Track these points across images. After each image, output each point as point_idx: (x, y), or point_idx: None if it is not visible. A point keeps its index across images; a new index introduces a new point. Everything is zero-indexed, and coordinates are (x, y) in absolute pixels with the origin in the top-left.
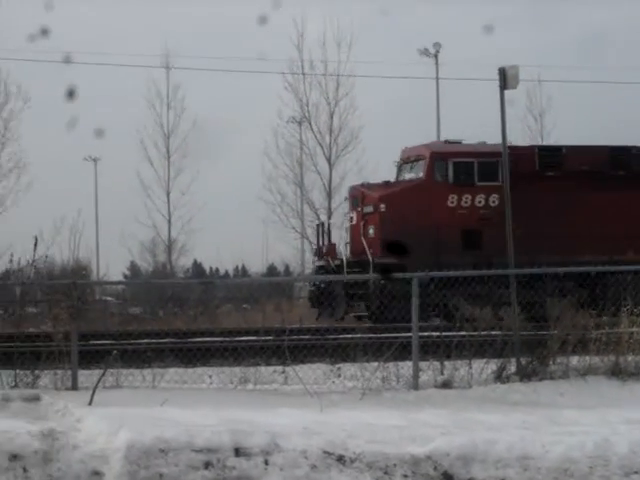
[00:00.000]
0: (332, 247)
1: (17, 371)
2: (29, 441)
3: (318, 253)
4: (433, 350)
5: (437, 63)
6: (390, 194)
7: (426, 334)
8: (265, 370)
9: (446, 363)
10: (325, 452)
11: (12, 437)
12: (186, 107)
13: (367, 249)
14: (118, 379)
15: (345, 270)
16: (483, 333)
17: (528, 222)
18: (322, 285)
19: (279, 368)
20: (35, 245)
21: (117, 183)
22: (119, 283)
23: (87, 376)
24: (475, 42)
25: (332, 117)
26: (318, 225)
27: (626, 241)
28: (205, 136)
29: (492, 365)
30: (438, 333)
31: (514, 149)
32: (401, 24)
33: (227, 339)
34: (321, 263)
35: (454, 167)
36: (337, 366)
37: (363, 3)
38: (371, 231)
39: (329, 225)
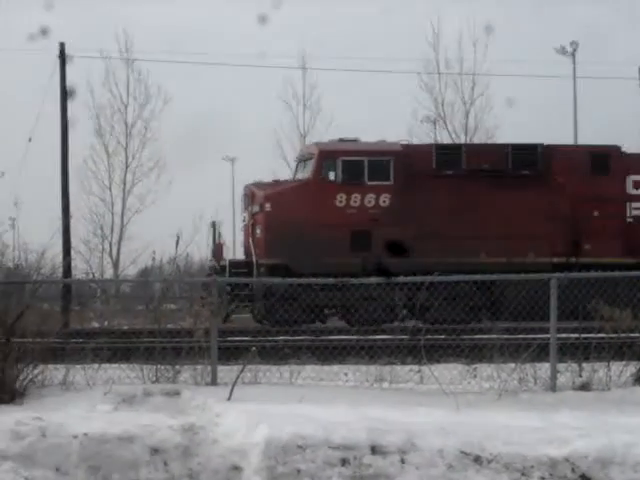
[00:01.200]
0: (219, 247)
1: (158, 366)
2: (170, 435)
3: (212, 253)
4: (571, 352)
5: (574, 62)
6: (276, 193)
7: (564, 335)
8: (401, 369)
9: (584, 365)
10: (462, 452)
11: (153, 431)
12: (322, 108)
13: (253, 250)
14: (256, 375)
15: (228, 271)
16: (622, 335)
17: (424, 222)
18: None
19: (415, 367)
20: (177, 243)
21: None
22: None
23: (226, 372)
24: (614, 40)
25: (467, 116)
26: (212, 223)
27: (527, 242)
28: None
29: (631, 367)
30: (576, 335)
31: (410, 147)
32: (538, 22)
33: (363, 337)
34: (211, 264)
35: (343, 166)
36: (473, 366)
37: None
38: (258, 231)
39: (218, 224)
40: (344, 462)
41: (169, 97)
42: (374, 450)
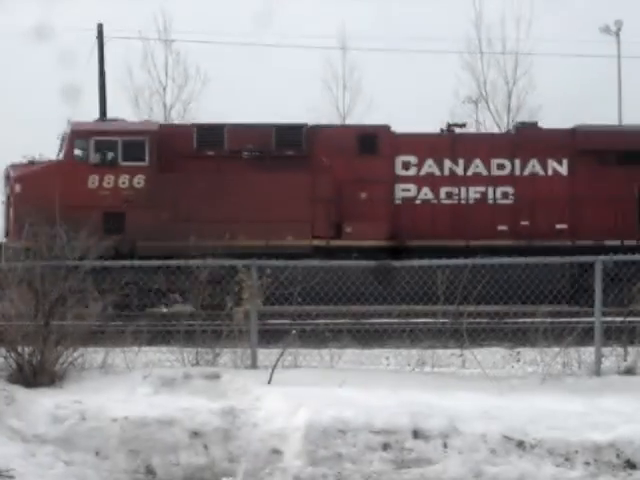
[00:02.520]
0: None
1: (198, 349)
2: (210, 419)
3: None
4: (616, 336)
5: (619, 41)
6: (27, 174)
7: (609, 319)
8: (442, 353)
9: (629, 349)
10: (505, 437)
11: (193, 415)
12: (362, 88)
13: (9, 231)
14: (296, 358)
15: None
16: None
17: (181, 205)
18: None
19: (457, 351)
20: None
21: None
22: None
23: (266, 355)
24: None
25: (510, 96)
26: None
27: (287, 225)
28: (380, 117)
29: None
30: (622, 318)
31: (168, 127)
32: (582, 0)
33: (404, 321)
34: None
35: (96, 146)
36: (516, 350)
37: None
38: (11, 213)
39: None
40: (385, 447)
41: (208, 78)
42: (416, 434)
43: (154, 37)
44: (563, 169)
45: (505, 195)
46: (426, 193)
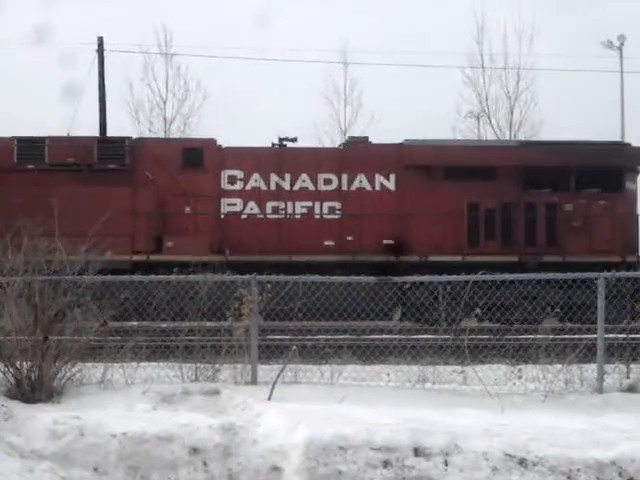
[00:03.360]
0: None
1: (197, 365)
2: (209, 435)
3: None
4: (619, 352)
5: (621, 56)
6: None
7: (612, 336)
8: (443, 369)
9: (632, 366)
10: (506, 455)
11: (193, 431)
12: (363, 103)
13: None
14: (297, 374)
15: None
16: None
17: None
18: None
19: (458, 368)
20: None
21: None
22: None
23: (266, 371)
24: None
25: (512, 111)
26: None
27: (106, 240)
28: (381, 132)
29: None
30: (624, 335)
31: None
32: (584, 16)
33: (405, 337)
34: None
35: None
36: (518, 367)
37: None
38: None
39: None
40: (386, 464)
41: (208, 93)
42: (417, 452)
43: (155, 51)
44: (391, 184)
45: (332, 210)
46: (252, 207)
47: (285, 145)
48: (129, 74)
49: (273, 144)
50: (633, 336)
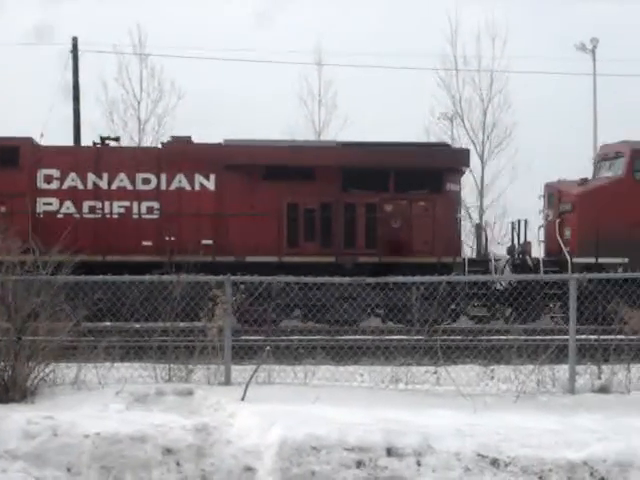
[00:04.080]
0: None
1: (171, 365)
2: (183, 435)
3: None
4: (590, 353)
5: (594, 59)
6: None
7: (583, 337)
8: (417, 370)
9: (603, 367)
10: (479, 455)
11: (166, 431)
12: (338, 104)
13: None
14: (270, 375)
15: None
16: None
17: None
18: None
19: (431, 368)
20: None
21: None
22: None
23: (240, 371)
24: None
25: (485, 114)
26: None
27: None
28: (355, 134)
29: None
30: (596, 336)
31: None
32: (557, 19)
33: (378, 338)
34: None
35: None
36: (490, 368)
37: None
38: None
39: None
40: (359, 464)
41: (183, 93)
42: (390, 452)
43: (129, 51)
44: (210, 184)
45: (150, 210)
46: (68, 207)
47: (108, 144)
48: (103, 74)
49: (94, 143)
50: (604, 337)
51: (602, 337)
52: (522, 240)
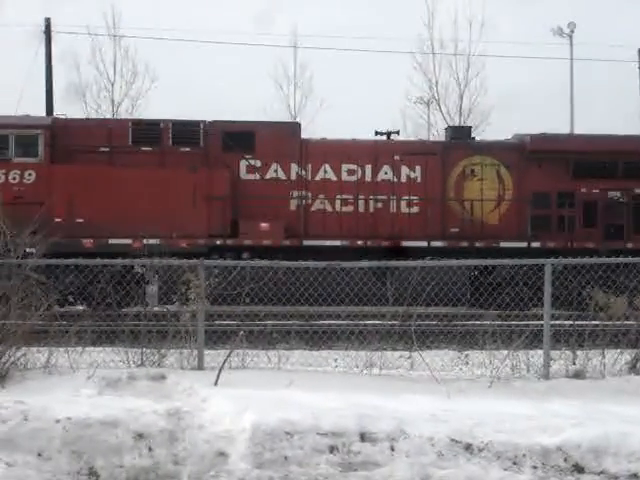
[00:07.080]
0: None
1: (143, 350)
2: (155, 420)
3: None
4: (565, 339)
5: (572, 44)
6: None
7: (558, 322)
8: (391, 355)
9: (578, 353)
10: (452, 440)
11: (137, 416)
12: (313, 88)
13: None
14: (244, 360)
15: None
16: (617, 323)
17: None
18: None
19: (405, 353)
20: None
21: None
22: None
23: (213, 356)
24: (613, 22)
25: (462, 98)
26: None
27: None
28: (331, 117)
29: (626, 355)
30: (570, 322)
31: None
32: (535, 3)
33: (352, 322)
34: None
35: None
36: (465, 353)
37: None
38: None
39: None
40: (332, 449)
41: (156, 75)
42: (363, 437)
43: (102, 33)
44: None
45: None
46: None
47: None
48: (76, 56)
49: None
50: (579, 322)
51: (577, 322)
52: None
